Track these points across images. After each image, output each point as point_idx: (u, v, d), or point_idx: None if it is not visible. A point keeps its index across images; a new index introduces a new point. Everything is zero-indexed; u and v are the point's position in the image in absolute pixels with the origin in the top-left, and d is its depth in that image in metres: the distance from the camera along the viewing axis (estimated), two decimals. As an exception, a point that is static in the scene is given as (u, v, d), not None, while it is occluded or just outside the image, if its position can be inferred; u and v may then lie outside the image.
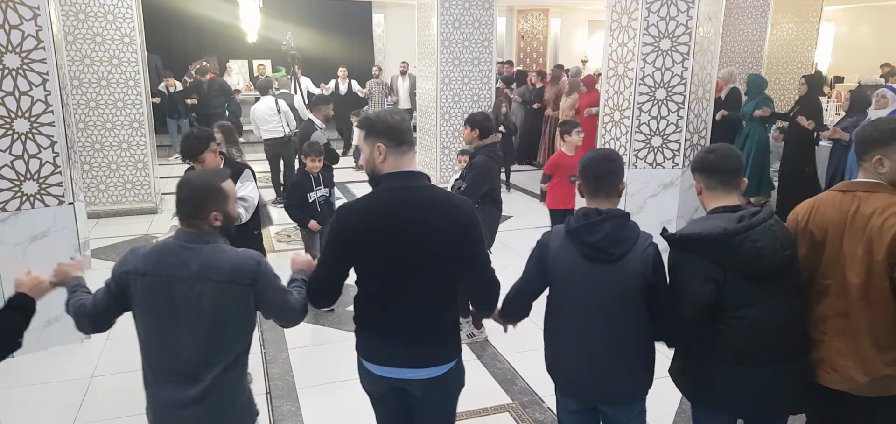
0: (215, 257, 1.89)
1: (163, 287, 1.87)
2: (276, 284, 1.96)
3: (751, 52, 9.36)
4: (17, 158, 3.70)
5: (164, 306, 1.87)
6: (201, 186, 1.95)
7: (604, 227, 1.99)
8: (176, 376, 1.91)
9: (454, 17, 8.05)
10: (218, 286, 1.86)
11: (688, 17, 4.75)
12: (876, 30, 14.24)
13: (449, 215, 1.95)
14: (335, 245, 1.98)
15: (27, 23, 3.59)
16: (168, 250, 1.91)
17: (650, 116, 5.01)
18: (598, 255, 1.99)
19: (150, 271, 1.89)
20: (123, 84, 6.92)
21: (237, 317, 1.92)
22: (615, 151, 2.20)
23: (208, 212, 1.91)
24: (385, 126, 1.96)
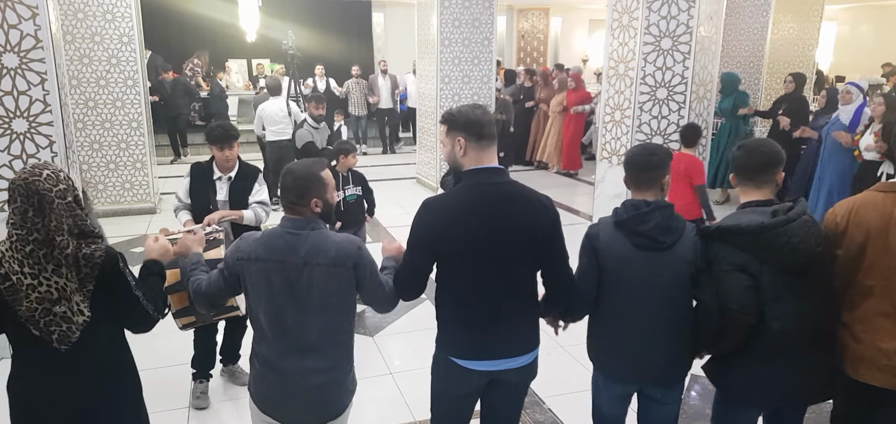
0: (321, 242, 2.03)
1: (275, 271, 2.01)
2: (374, 270, 2.09)
3: (752, 51, 9.34)
4: (15, 157, 3.69)
5: (278, 288, 2.01)
6: (304, 174, 2.07)
7: (654, 217, 2.08)
8: (295, 351, 2.04)
9: (454, 16, 8.04)
10: (325, 269, 2.00)
11: (689, 17, 4.73)
12: (877, 29, 14.22)
13: (535, 210, 2.02)
14: (421, 241, 2.05)
15: (26, 22, 3.58)
16: (277, 236, 2.04)
17: (651, 115, 5.00)
18: (650, 244, 2.07)
19: (261, 256, 2.02)
20: (122, 83, 6.91)
21: (343, 298, 2.07)
22: (659, 146, 2.29)
23: (310, 199, 2.05)
24: (465, 120, 2.02)
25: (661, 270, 2.07)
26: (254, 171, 3.61)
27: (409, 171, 9.66)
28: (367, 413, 3.34)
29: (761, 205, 2.08)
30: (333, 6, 13.96)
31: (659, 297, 2.09)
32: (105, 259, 1.86)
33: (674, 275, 2.08)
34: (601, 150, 5.46)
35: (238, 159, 3.52)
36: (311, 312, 2.02)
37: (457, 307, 2.08)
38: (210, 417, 3.42)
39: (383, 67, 11.61)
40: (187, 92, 10.39)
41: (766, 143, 2.18)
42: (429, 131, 8.69)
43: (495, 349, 2.06)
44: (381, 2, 14.54)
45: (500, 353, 2.07)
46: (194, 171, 3.53)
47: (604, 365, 2.26)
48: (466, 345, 2.08)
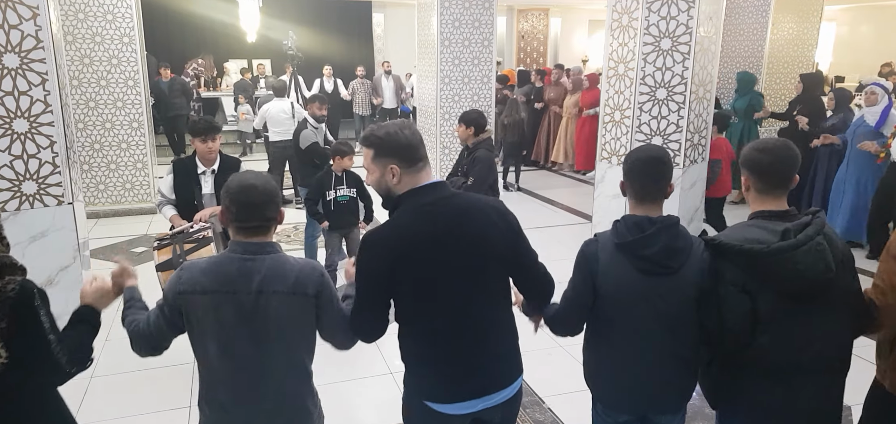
0: (279, 268, 1.78)
1: (226, 303, 1.75)
2: (337, 301, 1.87)
3: (751, 51, 9.35)
4: (16, 158, 3.70)
5: (230, 322, 1.76)
6: (268, 189, 1.80)
7: (660, 238, 1.86)
8: (253, 390, 1.80)
9: (454, 16, 8.05)
10: (283, 297, 1.76)
11: (688, 17, 4.74)
12: (877, 30, 14.24)
13: (489, 217, 1.81)
14: (369, 281, 1.80)
15: (26, 22, 3.59)
16: (227, 263, 1.78)
17: (651, 115, 5.01)
18: (656, 269, 1.86)
19: (208, 288, 1.75)
20: (123, 84, 6.92)
21: (303, 330, 1.84)
22: (664, 150, 2.06)
23: (272, 217, 1.80)
24: (396, 145, 1.77)
25: (667, 295, 1.87)
26: (236, 162, 3.77)
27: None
28: (367, 413, 3.34)
29: (774, 217, 1.86)
30: (334, 7, 13.97)
31: (664, 324, 1.89)
32: (18, 293, 1.62)
33: (680, 300, 1.88)
34: (601, 150, 5.46)
35: (219, 152, 3.67)
36: (267, 347, 1.78)
37: (427, 345, 1.83)
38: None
39: (387, 68, 11.72)
40: (184, 92, 10.44)
41: (789, 146, 1.92)
42: (428, 132, 8.69)
43: (477, 385, 1.83)
44: (381, 2, 14.55)
45: (482, 389, 1.83)
46: (177, 166, 3.69)
47: (603, 395, 2.07)
48: (442, 386, 1.82)
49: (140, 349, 1.86)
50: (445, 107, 8.32)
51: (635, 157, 1.97)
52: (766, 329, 1.82)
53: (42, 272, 3.73)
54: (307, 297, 1.79)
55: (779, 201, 1.90)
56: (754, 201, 1.94)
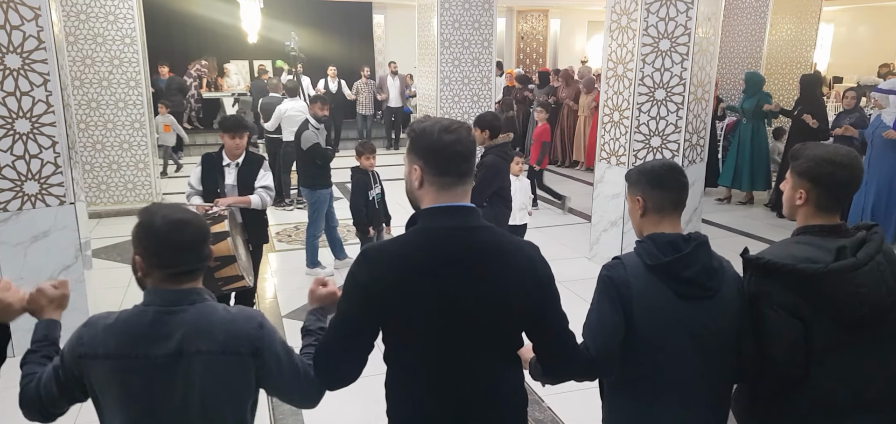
0: (204, 322, 1.43)
1: (134, 371, 1.40)
2: (284, 353, 1.49)
3: (750, 52, 9.37)
4: (18, 158, 3.72)
5: (139, 394, 1.40)
6: (201, 224, 1.50)
7: (698, 257, 1.62)
8: None
9: (454, 17, 8.07)
10: (209, 358, 1.41)
11: (687, 18, 4.76)
12: (874, 30, 14.26)
13: (514, 264, 1.47)
14: (358, 302, 1.45)
15: (28, 23, 3.61)
16: (137, 319, 1.43)
17: (649, 116, 5.03)
18: (696, 291, 1.62)
19: (112, 352, 1.40)
20: (124, 84, 6.94)
21: (236, 398, 1.47)
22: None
23: (206, 256, 1.49)
24: (427, 144, 1.47)
25: (707, 322, 1.62)
26: (259, 158, 4.05)
27: (409, 172, 9.68)
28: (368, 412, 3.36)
29: (826, 233, 1.66)
30: (334, 8, 13.99)
31: (703, 354, 1.63)
32: None
33: (721, 326, 1.64)
34: (600, 150, 5.48)
35: (245, 149, 3.94)
36: (189, 422, 1.43)
37: (411, 401, 1.52)
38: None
39: (394, 69, 11.93)
40: (181, 90, 10.68)
41: (856, 156, 1.70)
42: (429, 132, 8.72)
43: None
44: (381, 3, 14.58)
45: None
46: (205, 160, 3.95)
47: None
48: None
49: (27, 411, 1.48)
50: (445, 108, 8.34)
51: (660, 166, 1.73)
52: (821, 362, 1.60)
53: (44, 271, 3.75)
54: (241, 356, 1.44)
55: (833, 216, 1.69)
56: (808, 216, 1.71)
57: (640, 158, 5.11)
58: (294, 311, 4.69)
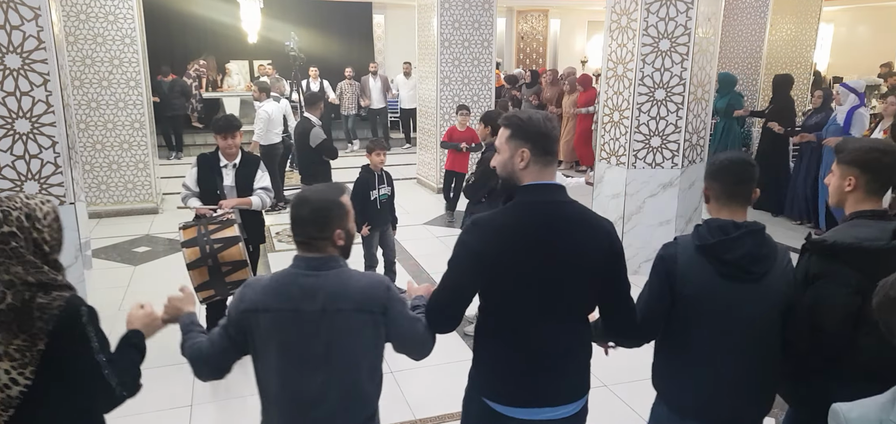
0: (341, 285, 1.71)
1: (289, 322, 1.69)
2: (408, 311, 1.81)
3: (750, 52, 9.37)
4: (18, 158, 3.72)
5: (293, 343, 1.69)
6: (323, 202, 1.74)
7: (744, 243, 1.80)
8: (312, 421, 1.72)
9: (454, 17, 8.07)
10: (348, 316, 1.70)
11: (687, 18, 4.76)
12: (874, 30, 14.26)
13: (599, 237, 1.78)
14: (470, 265, 1.77)
15: (28, 23, 3.61)
16: (289, 280, 1.72)
17: (649, 116, 5.03)
18: (738, 273, 1.80)
19: (271, 306, 1.69)
20: (124, 84, 6.94)
21: (369, 351, 1.76)
22: (749, 155, 2.03)
23: (332, 231, 1.73)
24: (536, 131, 1.76)
25: (749, 304, 1.81)
26: (256, 159, 4.03)
27: (410, 171, 9.68)
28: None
29: (877, 217, 1.86)
30: (334, 8, 13.99)
31: (744, 335, 1.83)
32: (64, 311, 1.50)
33: (763, 310, 1.82)
34: (600, 150, 5.48)
35: (240, 148, 3.88)
36: (332, 369, 1.71)
37: (501, 344, 1.82)
38: (213, 414, 3.44)
39: (373, 69, 11.80)
40: (183, 93, 10.71)
41: (893, 143, 1.95)
42: (429, 132, 8.71)
43: (541, 394, 1.80)
44: (381, 3, 14.58)
45: (546, 400, 1.81)
46: (201, 161, 3.89)
47: (673, 400, 1.96)
48: (508, 389, 1.81)
49: (201, 373, 1.80)
50: (445, 108, 8.34)
51: (721, 159, 1.91)
52: (869, 332, 1.71)
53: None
54: (374, 315, 1.73)
55: (878, 202, 1.90)
56: (857, 201, 1.91)
57: (640, 158, 5.12)
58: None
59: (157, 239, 6.41)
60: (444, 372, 3.48)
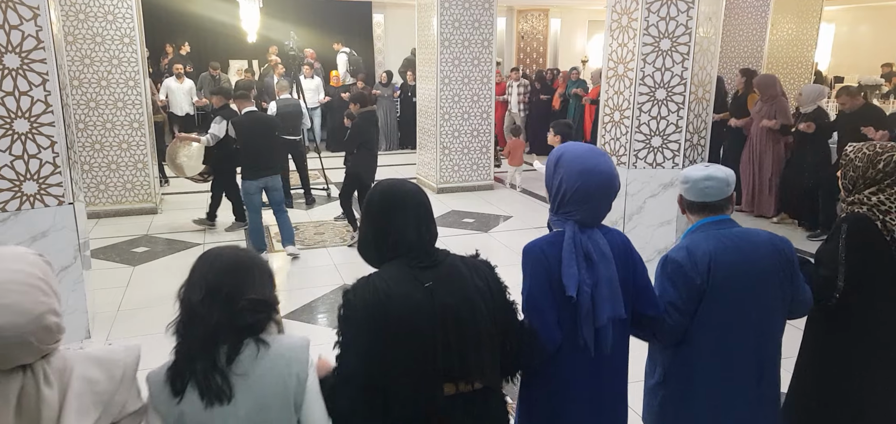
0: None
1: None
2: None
3: (751, 52, 9.36)
4: (16, 158, 3.70)
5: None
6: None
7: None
8: None
9: (454, 17, 8.05)
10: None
11: (688, 18, 4.74)
12: (876, 30, 14.24)
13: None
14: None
15: (27, 23, 3.59)
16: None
17: (650, 116, 5.01)
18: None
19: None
20: (123, 84, 6.92)
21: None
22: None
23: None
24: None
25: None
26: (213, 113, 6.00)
27: (409, 171, 9.68)
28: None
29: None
30: (334, 7, 13.98)
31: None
32: None
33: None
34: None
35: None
36: None
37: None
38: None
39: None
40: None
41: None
42: (429, 132, 8.70)
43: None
44: (381, 3, 14.56)
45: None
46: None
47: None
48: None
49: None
50: (445, 107, 8.33)
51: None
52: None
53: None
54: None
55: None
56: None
57: (641, 158, 5.10)
58: (293, 311, 4.68)
59: (157, 239, 6.40)
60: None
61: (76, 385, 1.25)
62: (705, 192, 2.02)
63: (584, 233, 1.79)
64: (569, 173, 1.82)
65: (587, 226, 1.82)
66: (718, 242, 1.96)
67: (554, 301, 1.76)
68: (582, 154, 1.85)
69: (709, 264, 1.93)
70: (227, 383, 1.38)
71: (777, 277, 1.97)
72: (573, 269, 1.72)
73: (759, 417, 2.02)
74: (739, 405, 1.99)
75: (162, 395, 1.39)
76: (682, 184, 2.09)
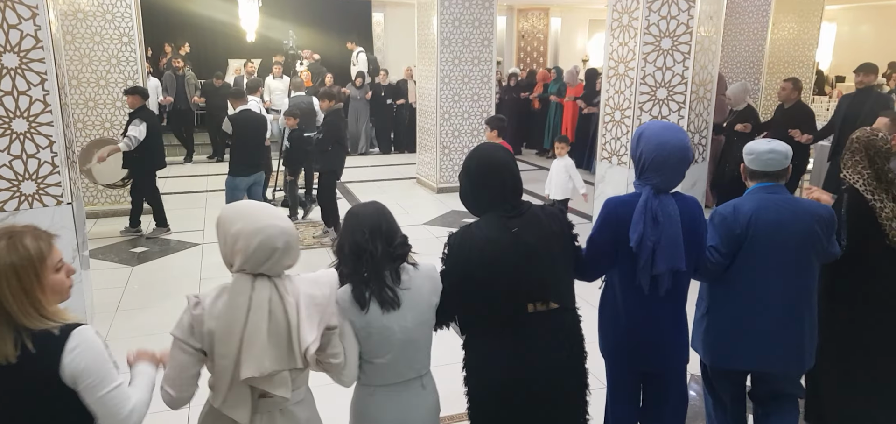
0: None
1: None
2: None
3: (752, 52, 9.34)
4: (15, 158, 3.69)
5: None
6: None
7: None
8: None
9: (454, 16, 8.04)
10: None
11: (689, 17, 4.73)
12: (877, 29, 14.22)
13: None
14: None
15: (25, 22, 3.58)
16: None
17: (651, 115, 5.00)
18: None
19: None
20: (122, 84, 6.90)
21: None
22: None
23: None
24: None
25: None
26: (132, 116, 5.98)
27: (410, 171, 9.66)
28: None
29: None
30: (333, 6, 13.96)
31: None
32: None
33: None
34: (601, 150, 5.45)
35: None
36: None
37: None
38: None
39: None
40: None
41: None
42: (429, 132, 8.68)
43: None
44: (381, 2, 14.55)
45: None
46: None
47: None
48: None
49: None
50: (445, 107, 8.31)
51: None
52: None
53: None
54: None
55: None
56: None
57: (642, 157, 5.09)
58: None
59: (155, 239, 6.38)
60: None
61: (304, 299, 1.70)
62: (767, 162, 2.40)
63: (657, 198, 2.17)
64: (648, 145, 2.21)
65: (661, 191, 2.19)
66: (762, 203, 2.37)
67: (610, 248, 2.25)
68: (660, 129, 2.24)
69: (750, 219, 2.35)
70: (396, 295, 1.88)
71: (812, 239, 2.38)
72: (639, 227, 2.14)
73: (788, 350, 2.43)
74: (766, 338, 2.42)
75: (352, 310, 1.87)
76: (746, 155, 2.48)
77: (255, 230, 1.63)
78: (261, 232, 1.63)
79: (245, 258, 1.64)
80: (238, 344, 1.60)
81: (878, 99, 6.02)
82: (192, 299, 1.65)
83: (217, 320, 1.62)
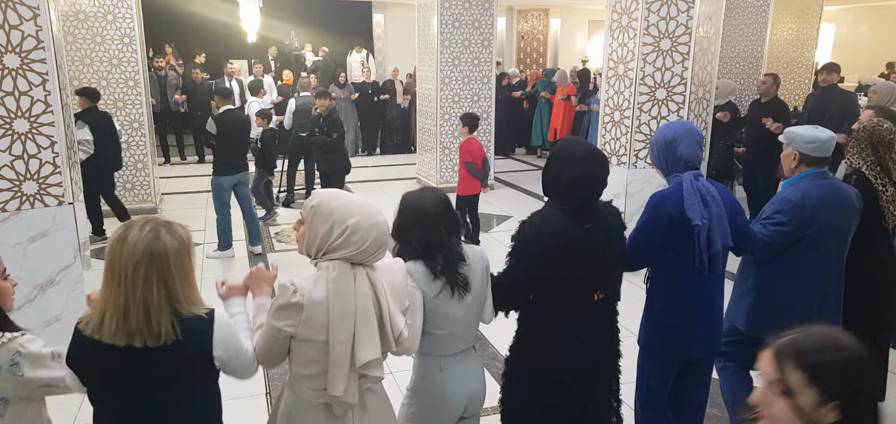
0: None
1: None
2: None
3: (751, 52, 9.35)
4: (16, 158, 3.70)
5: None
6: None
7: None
8: None
9: (454, 17, 8.05)
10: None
11: (688, 17, 4.74)
12: (876, 30, 14.24)
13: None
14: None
15: (27, 23, 3.59)
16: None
17: (650, 116, 5.01)
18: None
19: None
20: (123, 84, 6.92)
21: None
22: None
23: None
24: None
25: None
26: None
27: (410, 171, 9.68)
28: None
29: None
30: (333, 7, 13.97)
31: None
32: None
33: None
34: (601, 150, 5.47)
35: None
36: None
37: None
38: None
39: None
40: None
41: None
42: (429, 132, 8.69)
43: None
44: (381, 2, 14.55)
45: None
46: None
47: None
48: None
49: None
50: (445, 107, 8.33)
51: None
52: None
53: (43, 272, 3.74)
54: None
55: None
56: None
57: (641, 158, 5.10)
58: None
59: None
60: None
61: (387, 286, 1.81)
62: (827, 149, 2.63)
63: (699, 180, 2.35)
64: (662, 136, 2.47)
65: (693, 168, 2.39)
66: (824, 190, 2.61)
67: (658, 240, 2.39)
68: (663, 126, 2.54)
69: (817, 204, 2.58)
70: (467, 280, 2.05)
71: (854, 218, 2.71)
72: (696, 205, 2.28)
73: (832, 320, 2.66)
74: (815, 312, 2.63)
75: (424, 278, 2.00)
76: (807, 143, 2.63)
77: (372, 224, 1.74)
78: (377, 227, 1.75)
79: (357, 250, 1.72)
80: (352, 330, 1.70)
81: (841, 96, 6.19)
82: (290, 286, 1.70)
83: (318, 305, 1.69)
